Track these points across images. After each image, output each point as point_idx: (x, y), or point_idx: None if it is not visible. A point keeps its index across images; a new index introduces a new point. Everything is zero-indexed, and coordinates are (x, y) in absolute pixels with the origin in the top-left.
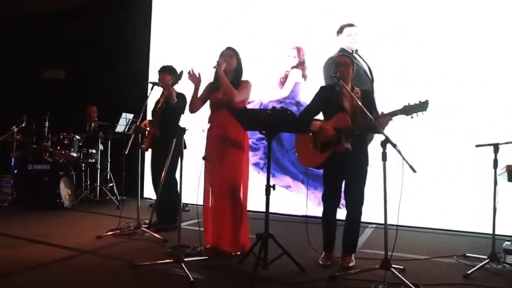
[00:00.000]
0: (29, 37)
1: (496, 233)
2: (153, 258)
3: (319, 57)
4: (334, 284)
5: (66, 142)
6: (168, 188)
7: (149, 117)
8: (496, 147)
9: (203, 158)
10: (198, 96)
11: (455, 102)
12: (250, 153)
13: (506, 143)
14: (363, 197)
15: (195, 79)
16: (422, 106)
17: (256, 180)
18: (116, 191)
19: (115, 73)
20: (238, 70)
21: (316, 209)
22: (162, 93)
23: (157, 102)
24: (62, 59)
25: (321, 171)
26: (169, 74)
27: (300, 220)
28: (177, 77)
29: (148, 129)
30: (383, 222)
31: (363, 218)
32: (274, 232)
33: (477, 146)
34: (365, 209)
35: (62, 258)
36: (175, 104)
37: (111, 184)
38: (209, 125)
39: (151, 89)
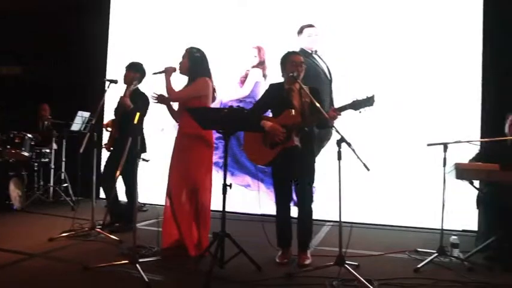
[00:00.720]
0: None
1: (445, 228)
2: (108, 259)
3: (280, 57)
4: (289, 281)
5: (17, 141)
6: (126, 188)
7: (111, 115)
8: (445, 146)
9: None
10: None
11: (409, 100)
12: None
13: (455, 142)
14: (312, 194)
15: (161, 100)
16: (369, 101)
17: (215, 179)
18: (70, 192)
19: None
20: (192, 68)
21: (274, 208)
22: (126, 90)
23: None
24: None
25: None
26: (134, 72)
27: (258, 219)
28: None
29: (110, 129)
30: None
31: (321, 216)
32: (233, 231)
33: (428, 145)
34: (322, 207)
35: (9, 262)
36: (131, 109)
37: (66, 184)
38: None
39: (108, 86)
